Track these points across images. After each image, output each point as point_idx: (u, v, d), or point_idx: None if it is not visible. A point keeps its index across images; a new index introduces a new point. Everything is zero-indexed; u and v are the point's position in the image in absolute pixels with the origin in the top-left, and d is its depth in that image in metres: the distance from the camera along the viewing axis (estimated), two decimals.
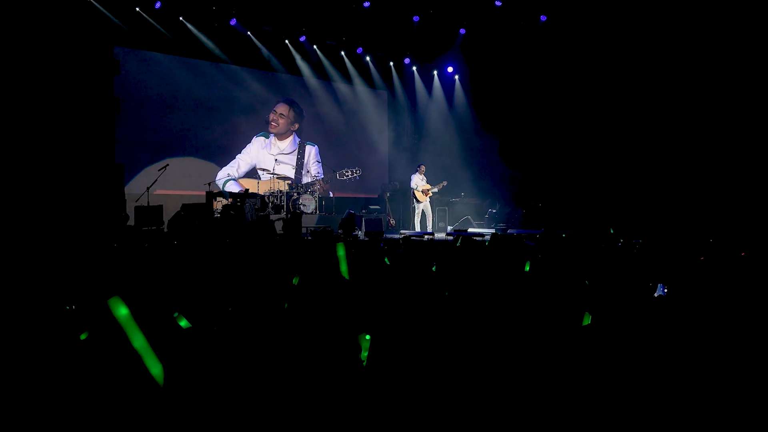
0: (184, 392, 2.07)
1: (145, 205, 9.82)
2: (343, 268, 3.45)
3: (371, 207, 13.56)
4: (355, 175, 13.49)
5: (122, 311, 1.96)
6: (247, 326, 3.07)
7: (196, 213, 9.39)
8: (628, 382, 2.42)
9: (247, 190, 11.01)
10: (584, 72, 12.83)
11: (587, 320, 2.77)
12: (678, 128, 11.40)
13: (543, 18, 13.22)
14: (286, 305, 3.56)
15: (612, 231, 10.27)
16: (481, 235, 8.92)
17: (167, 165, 10.53)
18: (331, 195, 13.77)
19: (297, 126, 14.34)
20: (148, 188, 9.98)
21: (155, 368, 2.08)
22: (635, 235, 8.72)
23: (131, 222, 9.93)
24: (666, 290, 2.99)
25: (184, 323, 2.34)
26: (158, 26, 11.45)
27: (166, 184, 11.50)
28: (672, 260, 4.72)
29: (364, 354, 2.86)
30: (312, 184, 13.30)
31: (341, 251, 3.42)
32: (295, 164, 14.28)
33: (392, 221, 13.30)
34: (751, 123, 10.51)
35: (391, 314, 3.38)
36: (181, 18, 11.76)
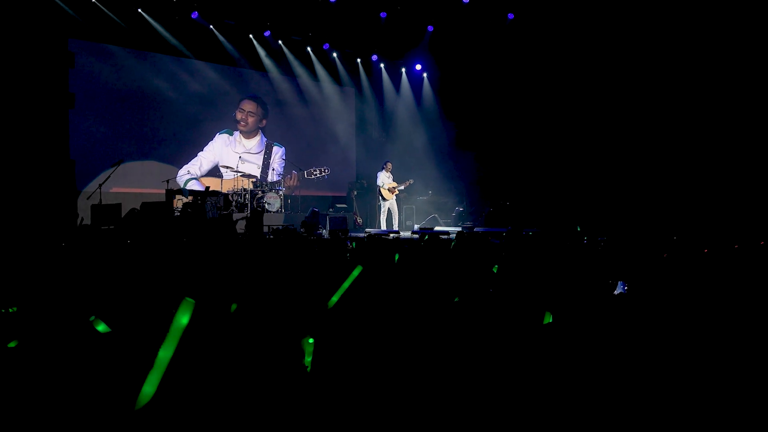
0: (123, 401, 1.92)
1: (100, 203, 9.43)
2: (346, 284, 3.27)
3: (338, 205, 13.37)
4: (323, 174, 13.25)
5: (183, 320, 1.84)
6: (192, 329, 2.87)
7: (155, 211, 9.07)
8: (593, 381, 2.33)
9: (207, 187, 10.71)
10: (551, 71, 12.86)
11: (548, 319, 2.67)
12: (643, 126, 11.49)
13: (510, 16, 13.21)
14: (233, 307, 3.36)
15: (579, 228, 10.28)
16: (447, 233, 8.82)
17: (121, 161, 10.15)
18: (295, 194, 13.53)
19: (264, 123, 14.06)
20: (100, 185, 9.61)
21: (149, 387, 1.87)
22: (601, 232, 8.72)
23: (87, 221, 9.54)
24: (626, 288, 2.90)
25: (101, 328, 2.12)
26: (115, 18, 11.05)
27: (125, 182, 11.13)
28: (635, 257, 4.67)
29: (308, 359, 2.70)
30: (278, 182, 13.04)
31: (357, 272, 3.24)
32: (261, 164, 13.99)
33: (359, 219, 13.12)
34: (715, 121, 10.63)
35: (346, 315, 3.21)
36: (139, 10, 11.37)
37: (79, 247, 6.97)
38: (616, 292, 2.93)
